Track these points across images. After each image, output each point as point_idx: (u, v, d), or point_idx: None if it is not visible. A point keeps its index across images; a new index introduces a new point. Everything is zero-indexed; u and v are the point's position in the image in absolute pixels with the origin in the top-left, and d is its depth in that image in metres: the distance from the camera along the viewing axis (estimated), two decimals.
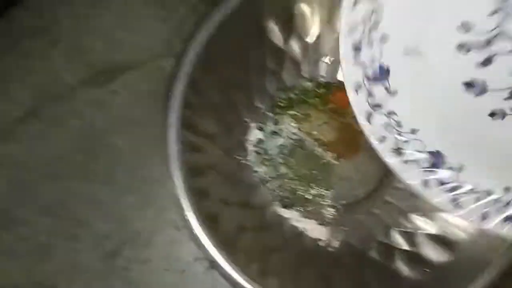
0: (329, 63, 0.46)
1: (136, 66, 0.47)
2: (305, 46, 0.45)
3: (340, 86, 0.47)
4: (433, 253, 0.41)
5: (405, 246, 0.42)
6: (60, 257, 0.44)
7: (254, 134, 0.45)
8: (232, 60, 0.42)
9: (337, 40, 0.45)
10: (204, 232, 0.35)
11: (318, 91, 0.46)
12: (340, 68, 0.46)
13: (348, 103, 0.49)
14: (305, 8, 0.42)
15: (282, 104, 0.46)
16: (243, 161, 0.44)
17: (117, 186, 0.46)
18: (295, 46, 0.45)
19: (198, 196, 0.37)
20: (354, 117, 0.47)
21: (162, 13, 0.48)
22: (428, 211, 0.42)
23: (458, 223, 0.40)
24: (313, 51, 0.45)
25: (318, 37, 0.45)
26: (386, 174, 0.44)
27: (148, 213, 0.45)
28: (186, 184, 0.36)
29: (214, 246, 0.36)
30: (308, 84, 0.46)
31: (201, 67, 0.39)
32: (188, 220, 0.35)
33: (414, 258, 0.41)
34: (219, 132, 0.42)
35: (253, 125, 0.45)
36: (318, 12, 0.43)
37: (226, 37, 0.40)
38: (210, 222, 0.37)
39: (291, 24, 0.43)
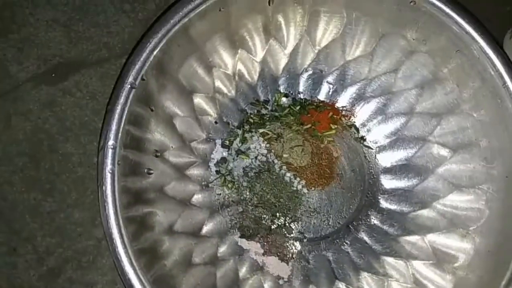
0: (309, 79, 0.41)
1: (92, 64, 0.42)
2: (281, 58, 0.40)
3: (321, 105, 0.42)
4: None
5: None
6: None
7: (218, 152, 0.40)
8: (195, 61, 0.37)
9: (318, 53, 0.40)
10: (140, 269, 0.30)
11: (294, 108, 0.41)
12: (322, 86, 0.41)
13: (328, 126, 0.44)
14: (281, 16, 0.37)
15: (252, 121, 0.41)
16: (203, 183, 0.39)
17: (62, 198, 0.41)
18: (271, 58, 0.40)
19: (137, 225, 0.32)
20: (332, 142, 0.42)
21: (127, 7, 0.43)
22: (406, 257, 0.37)
23: (434, 277, 0.35)
24: (291, 63, 0.40)
25: (297, 49, 0.40)
26: (361, 209, 0.40)
27: (97, 232, 0.41)
28: (125, 213, 0.31)
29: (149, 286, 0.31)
30: (283, 100, 0.41)
31: (157, 68, 0.34)
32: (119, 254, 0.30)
33: None
34: (173, 147, 0.37)
35: (218, 141, 0.40)
36: (295, 21, 0.38)
37: (189, 37, 0.35)
38: (150, 255, 0.32)
39: (267, 32, 0.38)
